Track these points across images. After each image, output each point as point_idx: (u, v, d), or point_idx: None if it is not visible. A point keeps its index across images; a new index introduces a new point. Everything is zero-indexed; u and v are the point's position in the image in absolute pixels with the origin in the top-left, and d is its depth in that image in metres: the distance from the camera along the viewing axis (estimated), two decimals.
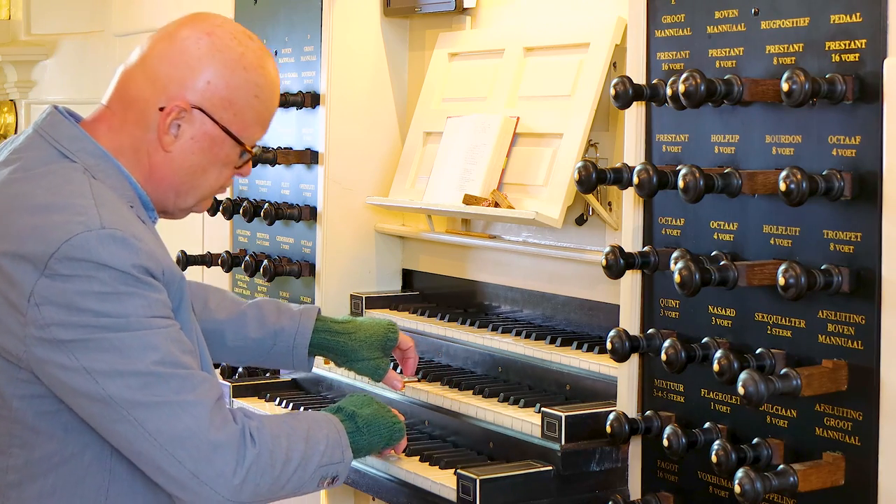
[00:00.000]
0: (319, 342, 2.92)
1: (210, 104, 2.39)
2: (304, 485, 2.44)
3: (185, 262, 3.93)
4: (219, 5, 4.28)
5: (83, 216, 2.25)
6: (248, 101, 2.43)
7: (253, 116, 2.45)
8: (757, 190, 2.29)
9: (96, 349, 2.22)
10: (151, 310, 2.26)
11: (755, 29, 2.40)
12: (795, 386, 2.18)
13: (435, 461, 2.87)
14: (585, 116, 3.09)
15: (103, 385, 2.22)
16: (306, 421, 2.50)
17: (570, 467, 2.70)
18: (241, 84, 2.42)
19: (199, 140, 2.41)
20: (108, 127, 2.41)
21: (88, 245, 2.22)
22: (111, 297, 2.22)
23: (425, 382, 3.18)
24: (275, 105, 2.51)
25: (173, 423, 2.24)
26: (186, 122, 2.39)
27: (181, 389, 2.25)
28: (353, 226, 3.76)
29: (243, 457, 2.30)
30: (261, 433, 2.35)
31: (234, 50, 2.41)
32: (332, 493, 3.67)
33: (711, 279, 2.26)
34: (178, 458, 2.25)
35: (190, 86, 2.38)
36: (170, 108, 2.37)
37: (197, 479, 2.26)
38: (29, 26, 6.17)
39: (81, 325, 2.21)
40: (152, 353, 2.24)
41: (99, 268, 2.22)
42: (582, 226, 3.18)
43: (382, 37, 3.80)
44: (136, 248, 2.25)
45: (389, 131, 3.82)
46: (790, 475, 2.20)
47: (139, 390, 2.23)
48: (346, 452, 2.51)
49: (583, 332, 3.17)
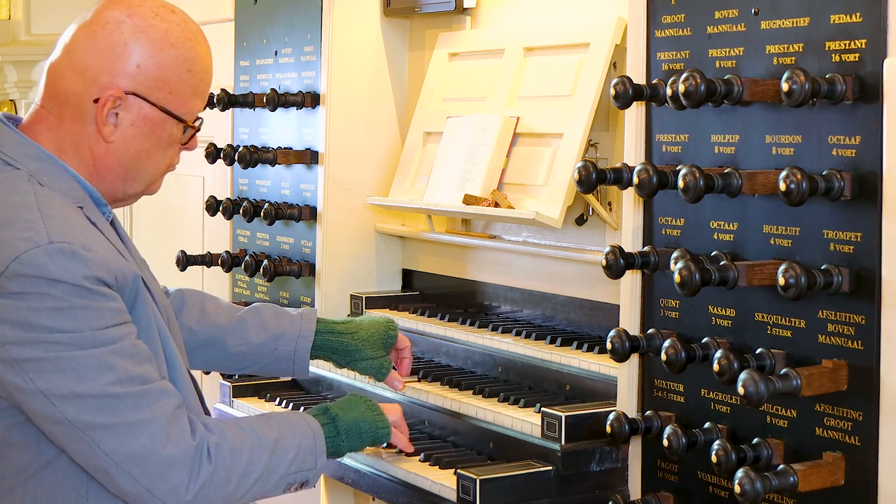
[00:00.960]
0: (322, 343, 2.91)
1: (144, 87, 2.36)
2: (268, 492, 2.46)
3: (185, 262, 3.92)
4: (219, 5, 4.28)
5: (30, 231, 2.23)
6: (182, 77, 2.40)
7: (189, 91, 2.42)
8: (757, 190, 2.29)
9: (52, 370, 2.21)
10: (105, 320, 2.25)
11: (755, 29, 2.40)
12: (795, 386, 2.18)
13: (435, 461, 2.87)
14: (585, 116, 3.09)
15: (60, 408, 2.22)
16: (278, 428, 2.49)
17: (570, 467, 2.70)
18: (172, 61, 2.38)
19: (139, 125, 2.38)
20: (47, 127, 2.39)
21: (38, 261, 2.20)
22: (64, 312, 2.21)
23: (425, 382, 3.18)
24: (209, 74, 2.47)
25: (129, 443, 2.25)
26: (123, 110, 2.36)
27: (137, 407, 2.26)
28: (353, 226, 3.76)
29: (197, 474, 2.31)
30: (219, 449, 2.35)
31: (158, 27, 2.37)
32: (332, 494, 3.67)
33: (711, 279, 2.26)
34: (133, 476, 2.27)
35: (120, 72, 2.35)
36: (104, 98, 2.35)
37: (151, 494, 2.28)
38: (29, 26, 6.17)
39: (36, 342, 2.20)
40: (108, 373, 2.23)
41: (50, 283, 2.21)
42: (582, 226, 3.18)
43: (382, 37, 3.80)
44: (85, 259, 2.23)
45: (389, 131, 3.82)
46: (790, 475, 2.20)
47: (96, 412, 2.23)
48: (319, 459, 2.51)
49: (583, 332, 3.17)
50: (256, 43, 3.99)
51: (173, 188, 4.63)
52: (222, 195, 4.01)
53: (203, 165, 3.96)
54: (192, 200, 4.55)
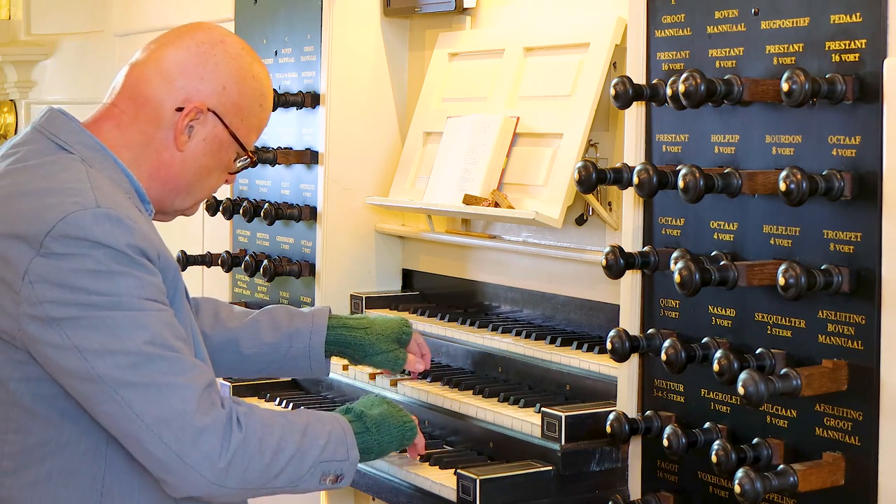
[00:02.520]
0: (336, 339, 2.94)
1: (223, 108, 2.49)
2: (301, 479, 2.44)
3: (185, 262, 3.92)
4: (219, 5, 4.28)
5: (78, 196, 2.29)
6: (253, 110, 2.54)
7: (255, 123, 2.56)
8: (757, 190, 2.29)
9: (88, 327, 2.24)
10: (145, 291, 2.28)
11: (755, 29, 2.40)
12: (795, 386, 2.18)
13: (435, 461, 2.87)
14: (585, 116, 3.09)
15: (93, 364, 2.24)
16: (307, 417, 2.51)
17: (570, 467, 2.70)
18: (251, 92, 2.52)
19: (209, 142, 2.50)
20: (116, 124, 2.46)
21: (83, 223, 2.25)
22: (104, 276, 2.25)
23: (425, 382, 3.18)
24: (269, 115, 2.62)
25: (160, 405, 2.26)
26: (200, 124, 2.48)
27: (169, 371, 2.27)
28: (353, 226, 3.76)
29: (228, 441, 2.30)
30: (249, 419, 2.36)
31: (245, 59, 2.52)
32: (332, 493, 3.67)
33: (711, 279, 2.26)
34: (164, 440, 2.26)
35: (207, 89, 2.47)
36: (188, 108, 2.45)
37: (181, 461, 2.27)
38: (29, 26, 6.17)
39: (74, 302, 2.23)
40: (143, 332, 2.26)
41: (93, 246, 2.25)
42: (582, 226, 3.18)
43: (382, 37, 3.80)
44: (130, 228, 2.28)
45: (389, 131, 3.82)
46: (790, 475, 2.20)
47: (128, 370, 2.25)
48: (351, 451, 2.51)
49: (583, 332, 3.17)
50: (256, 43, 3.99)
51: None
52: (222, 195, 4.01)
53: None
54: None
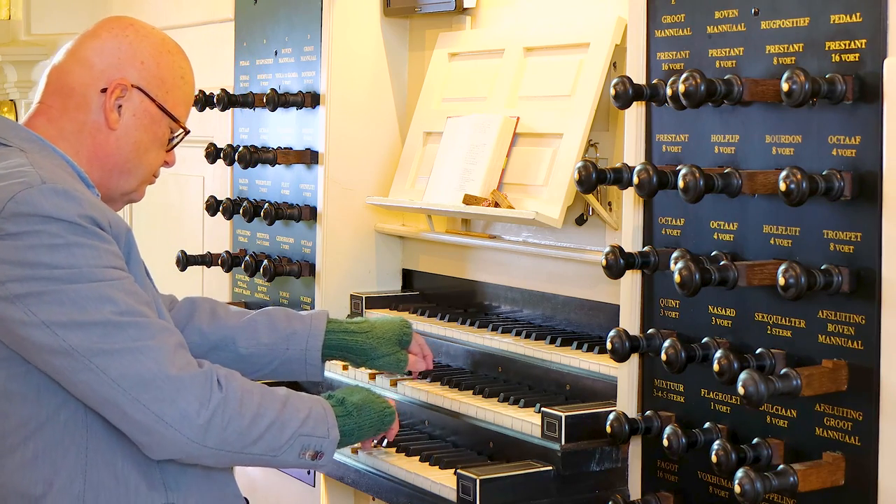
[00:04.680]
0: (337, 343, 2.95)
1: (146, 82, 2.56)
2: (281, 450, 2.46)
3: (185, 262, 3.92)
4: (219, 5, 4.28)
5: (24, 177, 2.33)
6: (176, 82, 2.60)
7: (180, 96, 2.62)
8: (757, 190, 2.29)
9: (52, 302, 2.27)
10: (102, 260, 2.31)
11: (755, 29, 2.40)
12: (795, 386, 2.18)
13: (435, 461, 2.88)
14: (585, 116, 3.09)
15: (63, 337, 2.27)
16: (287, 391, 2.54)
17: (570, 467, 2.70)
18: (169, 65, 2.60)
19: (139, 117, 2.55)
20: (47, 119, 2.53)
21: (32, 200, 2.29)
22: (61, 248, 2.28)
23: (425, 382, 3.18)
24: (193, 90, 2.68)
25: (136, 368, 2.29)
26: (127, 101, 2.54)
27: (140, 336, 2.30)
28: (353, 226, 3.76)
29: (207, 399, 2.33)
30: (229, 381, 2.39)
31: (156, 37, 2.62)
32: (332, 493, 3.67)
33: (711, 279, 2.26)
34: (143, 402, 2.29)
35: (127, 66, 2.54)
36: (112, 87, 2.52)
37: (162, 421, 2.30)
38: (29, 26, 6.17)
39: (35, 277, 2.27)
40: (108, 304, 2.29)
41: (46, 220, 2.29)
42: (582, 226, 3.18)
43: (382, 37, 3.80)
44: (78, 199, 2.32)
45: (389, 131, 3.82)
46: (790, 475, 2.20)
47: (99, 339, 2.28)
48: (332, 430, 2.54)
49: (583, 332, 3.17)
50: (256, 43, 3.99)
51: (173, 188, 4.63)
52: (222, 195, 4.01)
53: (203, 165, 3.96)
54: (192, 200, 4.55)
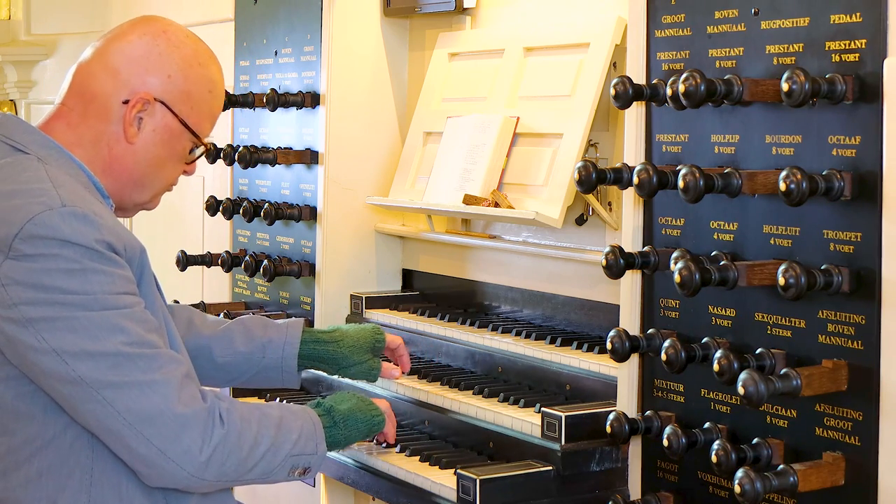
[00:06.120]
0: (309, 353, 2.96)
1: (170, 97, 2.50)
2: (273, 471, 2.49)
3: (185, 262, 3.92)
4: (219, 5, 4.28)
5: (43, 197, 2.31)
6: (203, 96, 2.54)
7: (206, 110, 2.56)
8: (757, 190, 2.29)
9: (64, 329, 2.26)
10: (116, 286, 2.30)
11: (755, 29, 2.40)
12: (795, 386, 2.18)
13: (435, 461, 2.88)
14: (585, 116, 3.09)
15: (73, 366, 2.26)
16: (280, 410, 2.55)
17: (570, 467, 2.70)
18: (198, 79, 2.52)
19: (160, 132, 2.51)
20: (67, 123, 2.49)
21: (51, 223, 2.27)
22: (77, 274, 2.27)
23: (425, 382, 3.18)
24: (222, 100, 2.62)
25: (142, 403, 2.29)
26: (148, 115, 2.49)
27: (148, 369, 2.30)
28: (353, 226, 3.76)
29: (210, 435, 2.34)
30: (230, 415, 2.40)
31: (189, 47, 2.53)
32: (332, 494, 3.67)
33: (711, 279, 2.26)
34: (147, 436, 2.29)
35: (152, 79, 2.48)
36: (134, 100, 2.47)
37: (164, 455, 2.31)
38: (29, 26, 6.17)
39: (49, 302, 2.25)
40: (119, 334, 2.28)
41: (63, 245, 2.27)
42: (582, 226, 3.18)
43: (382, 37, 3.80)
44: (97, 224, 2.30)
45: (389, 131, 3.82)
46: (790, 475, 2.20)
47: (108, 370, 2.27)
48: (320, 445, 2.56)
49: (583, 332, 3.17)
50: (256, 43, 3.99)
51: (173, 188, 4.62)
52: (222, 195, 4.01)
53: (203, 165, 3.94)
54: (192, 200, 4.55)
